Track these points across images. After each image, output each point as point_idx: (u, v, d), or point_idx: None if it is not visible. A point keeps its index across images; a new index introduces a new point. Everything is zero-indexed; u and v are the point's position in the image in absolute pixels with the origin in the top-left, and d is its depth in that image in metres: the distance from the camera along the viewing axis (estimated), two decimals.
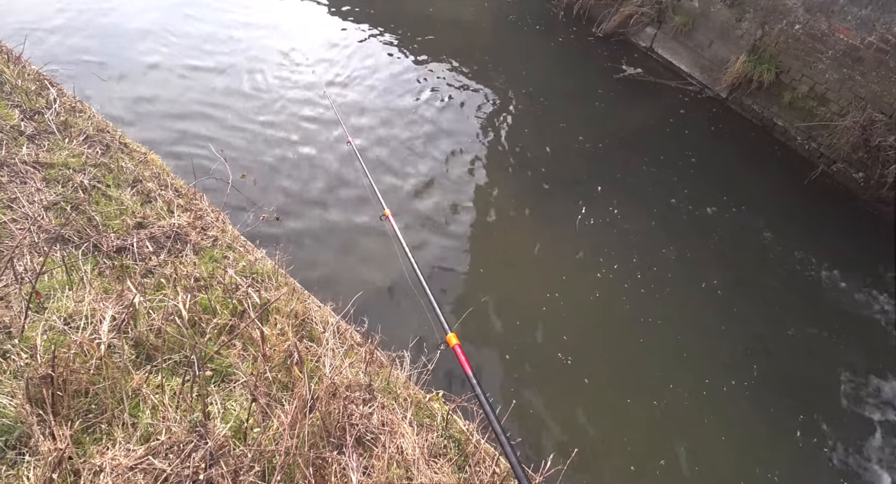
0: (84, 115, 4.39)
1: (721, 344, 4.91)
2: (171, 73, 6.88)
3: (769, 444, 4.26)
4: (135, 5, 8.12)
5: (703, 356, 4.78)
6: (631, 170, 6.70)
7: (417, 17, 9.27)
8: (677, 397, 4.43)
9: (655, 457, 4.05)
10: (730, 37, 7.91)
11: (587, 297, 5.08)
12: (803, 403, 4.57)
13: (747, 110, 7.95)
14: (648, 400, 4.37)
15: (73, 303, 2.55)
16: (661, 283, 5.32)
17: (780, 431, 4.36)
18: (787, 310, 5.34)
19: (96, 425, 2.08)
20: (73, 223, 3.12)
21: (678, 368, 4.65)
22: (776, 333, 5.12)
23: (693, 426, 4.27)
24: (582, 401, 4.29)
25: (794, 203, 6.64)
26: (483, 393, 2.37)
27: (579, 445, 3.87)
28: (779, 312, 5.30)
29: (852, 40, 6.60)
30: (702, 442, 4.17)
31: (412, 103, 7.26)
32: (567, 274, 5.25)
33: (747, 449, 4.20)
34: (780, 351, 4.96)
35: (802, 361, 4.92)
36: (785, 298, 5.45)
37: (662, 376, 4.55)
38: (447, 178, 6.16)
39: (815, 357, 4.98)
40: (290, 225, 5.14)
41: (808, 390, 4.69)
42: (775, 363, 4.83)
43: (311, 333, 2.94)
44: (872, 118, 6.46)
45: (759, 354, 4.88)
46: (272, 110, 6.62)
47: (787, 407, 4.53)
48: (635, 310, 5.03)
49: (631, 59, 8.84)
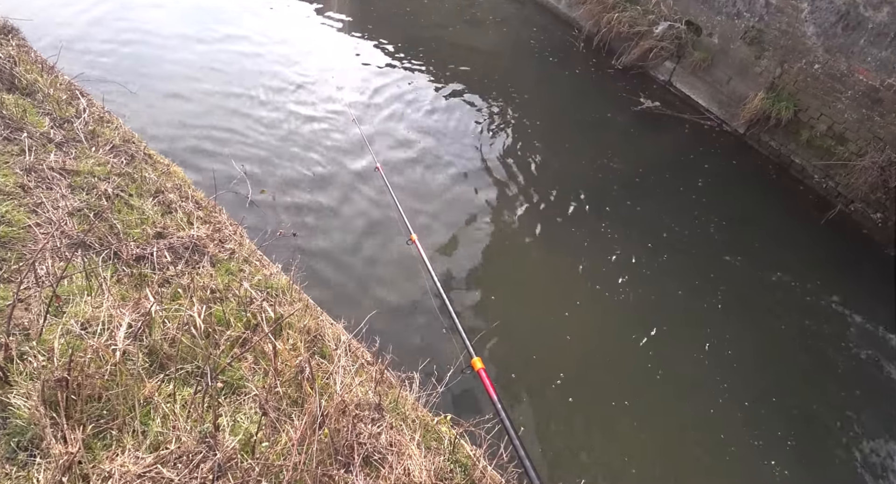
0: (111, 125, 4.50)
1: (729, 383, 4.84)
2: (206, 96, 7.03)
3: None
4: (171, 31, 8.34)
5: (711, 396, 4.71)
6: (645, 201, 6.70)
7: (438, 44, 9.43)
8: (687, 436, 4.35)
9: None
10: (749, 73, 7.97)
11: (591, 324, 5.05)
12: (806, 438, 4.49)
13: (764, 147, 7.96)
14: (656, 432, 4.30)
15: (91, 308, 2.58)
16: (668, 317, 5.28)
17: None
18: (798, 351, 5.27)
19: (107, 431, 2.08)
20: (95, 230, 3.18)
21: (686, 405, 4.59)
22: (786, 376, 5.04)
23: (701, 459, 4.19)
24: (595, 433, 4.22)
25: (810, 241, 6.60)
26: (508, 418, 2.36)
27: (585, 475, 3.82)
28: (790, 354, 5.23)
29: (872, 81, 6.63)
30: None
31: (426, 126, 7.34)
32: (576, 302, 5.22)
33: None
34: (788, 391, 4.87)
35: (810, 399, 4.84)
36: (797, 340, 5.38)
37: (673, 411, 4.49)
38: (457, 201, 6.20)
39: (820, 394, 4.91)
40: (310, 242, 5.18)
41: (814, 426, 4.61)
42: (782, 403, 4.76)
43: (322, 350, 2.94)
44: (892, 159, 6.44)
45: (765, 395, 4.80)
46: (299, 135, 6.70)
47: (788, 443, 4.44)
48: (642, 341, 4.98)
49: (649, 93, 8.92)
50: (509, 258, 5.66)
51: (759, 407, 4.67)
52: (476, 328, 4.54)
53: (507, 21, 10.64)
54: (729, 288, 5.73)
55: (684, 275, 5.78)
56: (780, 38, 7.51)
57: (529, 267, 5.58)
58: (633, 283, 5.55)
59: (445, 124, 7.46)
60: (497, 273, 5.43)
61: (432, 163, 6.71)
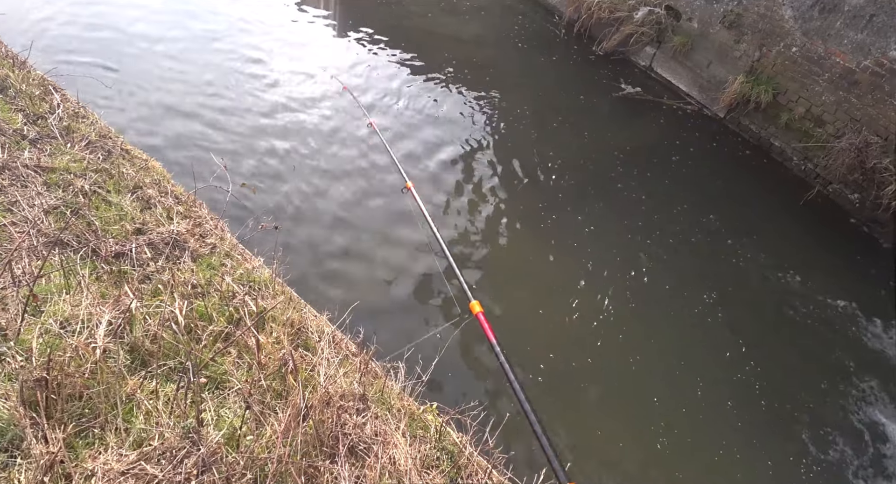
0: (87, 120, 4.42)
1: (708, 359, 4.93)
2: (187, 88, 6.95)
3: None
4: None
5: (693, 367, 4.79)
6: (627, 187, 6.75)
7: (421, 34, 9.37)
8: (673, 420, 4.43)
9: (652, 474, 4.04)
10: (728, 57, 8.03)
11: (572, 310, 5.11)
12: (792, 418, 4.59)
13: (744, 130, 8.03)
14: (643, 419, 4.37)
15: (69, 307, 2.55)
16: (651, 298, 5.35)
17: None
18: (780, 329, 5.37)
19: (89, 430, 2.07)
20: (72, 228, 3.13)
21: (671, 387, 4.66)
22: (767, 350, 5.13)
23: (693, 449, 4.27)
24: (579, 418, 4.28)
25: (790, 222, 6.69)
26: (508, 362, 2.31)
27: (572, 461, 3.88)
28: (775, 331, 5.32)
29: (848, 64, 6.70)
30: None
31: (410, 116, 7.32)
32: (561, 287, 5.27)
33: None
34: (769, 367, 4.97)
35: (792, 377, 4.95)
36: (776, 319, 5.48)
37: (657, 397, 4.56)
38: (443, 189, 6.20)
39: (800, 370, 5.02)
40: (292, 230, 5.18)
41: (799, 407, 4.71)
42: (764, 378, 4.85)
43: (306, 343, 2.94)
44: (868, 141, 6.53)
45: (750, 371, 4.89)
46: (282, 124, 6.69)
47: (773, 420, 4.53)
48: (625, 326, 5.04)
49: (630, 78, 8.95)
50: (489, 247, 5.69)
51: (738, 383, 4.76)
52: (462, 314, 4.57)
53: (488, 9, 10.59)
54: (708, 267, 5.83)
55: (664, 254, 5.85)
56: (758, 22, 7.56)
57: (511, 254, 5.61)
58: (613, 264, 5.61)
59: (429, 114, 7.43)
60: (478, 257, 5.46)
61: (417, 151, 6.70)
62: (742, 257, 6.06)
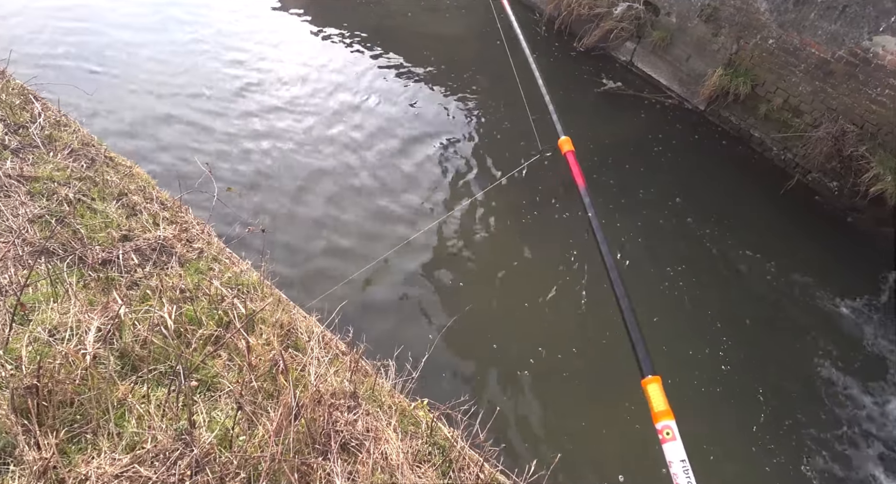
0: (69, 129, 4.40)
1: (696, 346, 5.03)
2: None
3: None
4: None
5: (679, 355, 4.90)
6: (611, 181, 6.83)
7: (402, 33, 9.37)
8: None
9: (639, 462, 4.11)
10: (706, 51, 8.13)
11: (552, 299, 5.20)
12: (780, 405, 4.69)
13: (725, 122, 8.14)
14: (627, 405, 4.45)
15: (57, 315, 2.56)
16: (635, 287, 5.43)
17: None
18: (761, 315, 5.49)
19: (81, 435, 2.09)
20: (57, 236, 3.13)
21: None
22: (749, 334, 5.24)
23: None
24: (568, 408, 4.34)
25: (771, 211, 6.81)
26: (595, 212, 2.02)
27: (563, 451, 3.93)
28: (757, 318, 5.43)
29: (823, 54, 6.83)
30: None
31: (394, 114, 7.34)
32: (547, 283, 5.33)
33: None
34: (751, 350, 5.08)
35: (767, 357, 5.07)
36: (759, 305, 5.60)
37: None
38: (428, 187, 6.24)
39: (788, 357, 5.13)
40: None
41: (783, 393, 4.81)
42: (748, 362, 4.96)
43: (296, 343, 2.97)
44: (844, 129, 6.66)
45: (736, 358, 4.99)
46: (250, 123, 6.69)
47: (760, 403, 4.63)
48: (607, 315, 5.12)
49: (611, 73, 9.03)
50: (474, 244, 5.74)
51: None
52: (448, 313, 4.62)
53: (469, 7, 10.61)
54: (690, 255, 5.95)
55: (648, 244, 5.95)
56: (734, 15, 7.67)
57: (497, 251, 5.66)
58: (597, 257, 5.67)
59: (409, 113, 7.46)
60: (465, 255, 5.51)
61: (402, 149, 6.73)
62: (724, 246, 6.16)
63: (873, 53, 6.42)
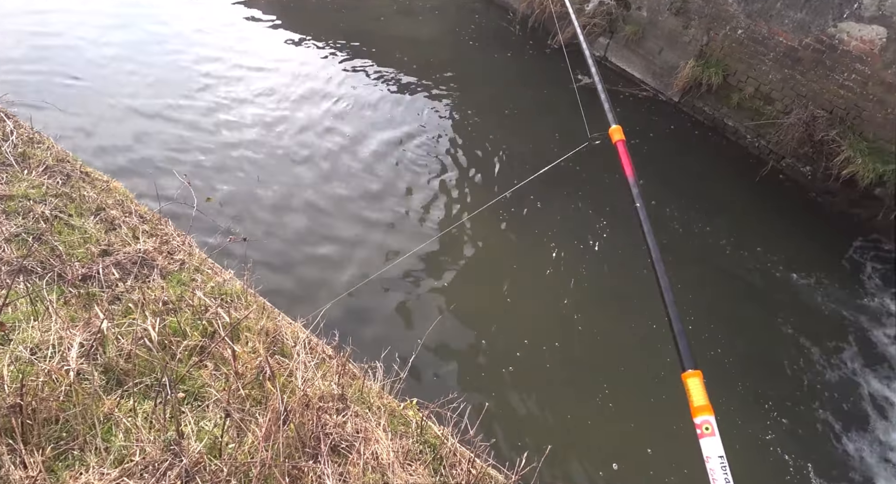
0: (43, 146, 4.35)
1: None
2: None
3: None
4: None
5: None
6: (590, 174, 6.89)
7: (375, 37, 9.37)
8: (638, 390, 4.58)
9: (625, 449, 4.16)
10: (678, 43, 8.25)
11: (537, 295, 5.26)
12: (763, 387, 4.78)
13: (699, 112, 8.27)
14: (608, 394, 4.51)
15: (39, 333, 2.54)
16: (616, 278, 5.52)
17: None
18: (743, 298, 5.60)
19: (68, 452, 2.08)
20: (35, 254, 3.11)
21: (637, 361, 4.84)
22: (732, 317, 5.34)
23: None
24: (555, 401, 4.38)
25: (748, 198, 6.93)
26: (643, 203, 2.00)
27: (553, 443, 3.97)
28: (739, 302, 5.53)
29: (791, 42, 6.96)
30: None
31: (368, 118, 7.35)
32: (530, 282, 5.38)
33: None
34: (728, 335, 5.18)
35: (755, 345, 5.17)
36: (738, 290, 5.72)
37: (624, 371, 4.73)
38: (407, 189, 6.27)
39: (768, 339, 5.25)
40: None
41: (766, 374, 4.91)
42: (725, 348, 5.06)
43: (282, 349, 2.97)
44: (814, 115, 6.80)
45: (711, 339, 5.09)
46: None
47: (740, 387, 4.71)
48: (588, 306, 5.19)
49: (586, 69, 9.08)
50: (454, 244, 5.78)
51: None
52: (430, 315, 4.65)
53: (442, 9, 10.66)
54: (670, 243, 6.07)
55: (628, 235, 6.03)
56: (704, 7, 7.79)
57: (478, 251, 5.70)
58: (578, 250, 5.75)
59: (387, 116, 7.47)
60: (446, 256, 5.54)
61: (381, 151, 6.74)
62: (702, 233, 6.26)
63: (839, 40, 6.57)
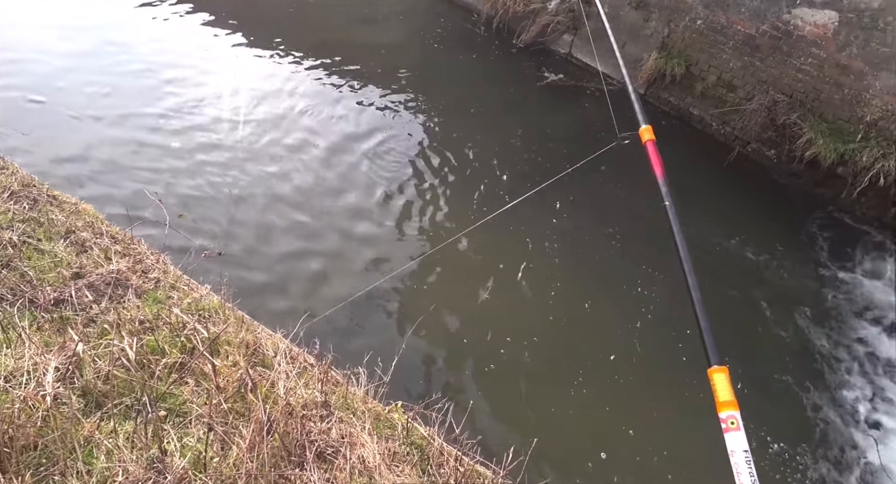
0: (6, 171, 4.28)
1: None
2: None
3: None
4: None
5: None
6: (561, 171, 6.95)
7: (338, 46, 9.30)
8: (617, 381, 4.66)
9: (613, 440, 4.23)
10: (640, 36, 8.39)
11: (511, 295, 5.32)
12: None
13: (664, 103, 8.42)
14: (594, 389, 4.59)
15: (12, 360, 2.50)
16: (592, 265, 5.61)
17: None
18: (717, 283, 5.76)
19: (49, 477, 2.05)
20: (4, 281, 3.06)
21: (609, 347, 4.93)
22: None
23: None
24: (539, 395, 4.43)
25: (716, 184, 7.09)
26: (672, 202, 2.05)
27: (540, 436, 4.01)
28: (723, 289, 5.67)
29: (748, 30, 7.14)
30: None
31: (336, 127, 7.33)
32: (509, 280, 5.43)
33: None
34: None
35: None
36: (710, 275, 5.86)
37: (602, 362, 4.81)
38: (378, 192, 6.29)
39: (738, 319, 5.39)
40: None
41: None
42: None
43: (263, 361, 2.96)
44: (775, 99, 6.98)
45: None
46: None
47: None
48: (566, 301, 5.26)
49: (552, 66, 9.22)
50: (430, 239, 5.81)
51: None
52: (414, 313, 4.67)
53: (406, 14, 10.68)
54: (641, 232, 6.16)
55: (603, 227, 6.14)
56: (662, 0, 7.94)
57: (455, 250, 5.73)
58: (552, 246, 5.83)
59: (358, 123, 7.46)
60: (424, 259, 5.57)
61: (353, 160, 6.75)
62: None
63: (794, 26, 6.75)
